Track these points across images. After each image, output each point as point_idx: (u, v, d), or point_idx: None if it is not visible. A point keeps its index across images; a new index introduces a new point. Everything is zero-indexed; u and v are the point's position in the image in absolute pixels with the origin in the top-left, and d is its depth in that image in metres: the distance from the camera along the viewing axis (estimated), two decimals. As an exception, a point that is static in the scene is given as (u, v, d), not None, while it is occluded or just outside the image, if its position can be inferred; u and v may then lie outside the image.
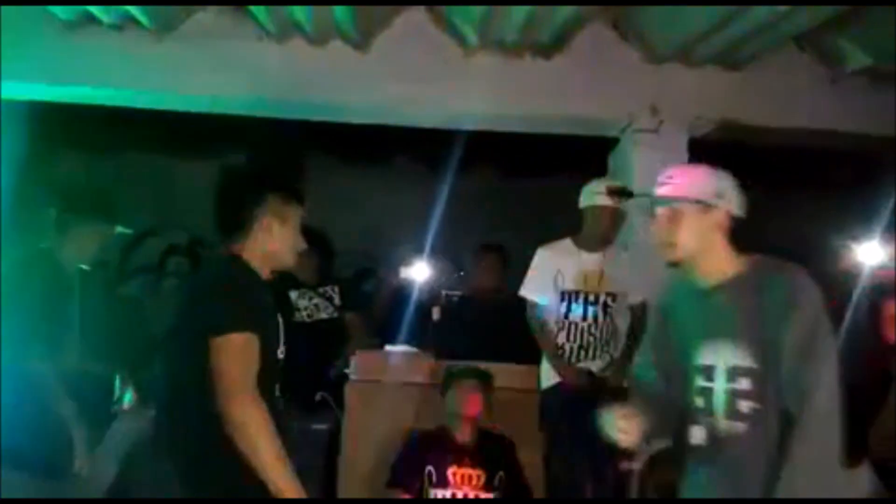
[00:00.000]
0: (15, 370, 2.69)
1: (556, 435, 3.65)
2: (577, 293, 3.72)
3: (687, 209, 2.07)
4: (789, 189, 5.35)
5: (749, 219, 2.21)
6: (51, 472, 2.69)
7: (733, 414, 2.06)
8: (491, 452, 3.51)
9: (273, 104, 4.42)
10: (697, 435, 2.11)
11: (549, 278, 3.74)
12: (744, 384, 2.04)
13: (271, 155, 2.35)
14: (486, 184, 5.91)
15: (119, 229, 3.11)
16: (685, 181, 2.10)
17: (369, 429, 3.91)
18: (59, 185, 4.63)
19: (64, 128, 5.40)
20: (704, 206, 2.07)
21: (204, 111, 4.52)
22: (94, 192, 3.24)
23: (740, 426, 2.05)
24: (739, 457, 2.05)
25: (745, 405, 2.04)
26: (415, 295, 4.76)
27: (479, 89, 4.24)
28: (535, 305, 3.77)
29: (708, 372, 2.10)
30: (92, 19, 4.11)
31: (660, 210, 2.12)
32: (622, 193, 3.58)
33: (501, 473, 3.47)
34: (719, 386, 2.08)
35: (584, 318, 3.70)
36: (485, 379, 3.60)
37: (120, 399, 3.05)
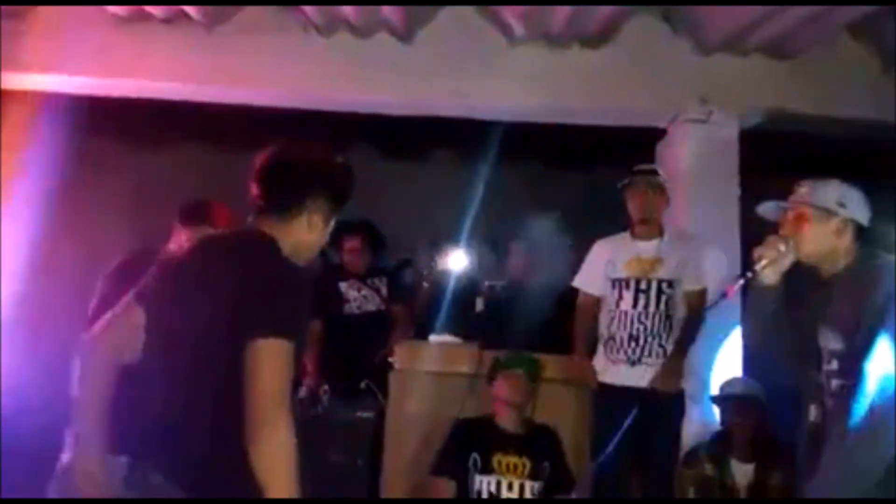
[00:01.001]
0: None
1: (605, 430, 3.63)
2: (627, 280, 3.67)
3: (809, 214, 2.31)
4: (844, 180, 5.24)
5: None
6: None
7: (829, 392, 2.25)
8: (537, 442, 3.49)
9: (319, 97, 4.46)
10: (812, 412, 2.29)
11: (601, 268, 3.74)
12: (834, 365, 2.24)
13: (330, 149, 2.19)
14: (532, 176, 5.88)
15: None
16: (811, 190, 2.36)
17: (412, 417, 3.92)
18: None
19: (110, 122, 5.51)
20: (826, 213, 2.30)
21: (250, 103, 4.58)
22: None
23: (833, 403, 2.23)
24: (831, 432, 2.20)
25: (835, 384, 2.22)
26: (457, 285, 4.76)
27: (525, 80, 4.24)
28: (585, 295, 3.78)
29: (818, 354, 2.28)
30: (144, 14, 4.20)
31: (788, 213, 2.35)
32: (644, 172, 3.68)
33: (547, 463, 3.45)
34: (824, 367, 2.27)
35: (635, 305, 3.65)
36: (533, 367, 3.59)
37: None
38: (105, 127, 5.72)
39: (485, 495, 3.37)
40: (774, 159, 4.23)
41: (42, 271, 5.46)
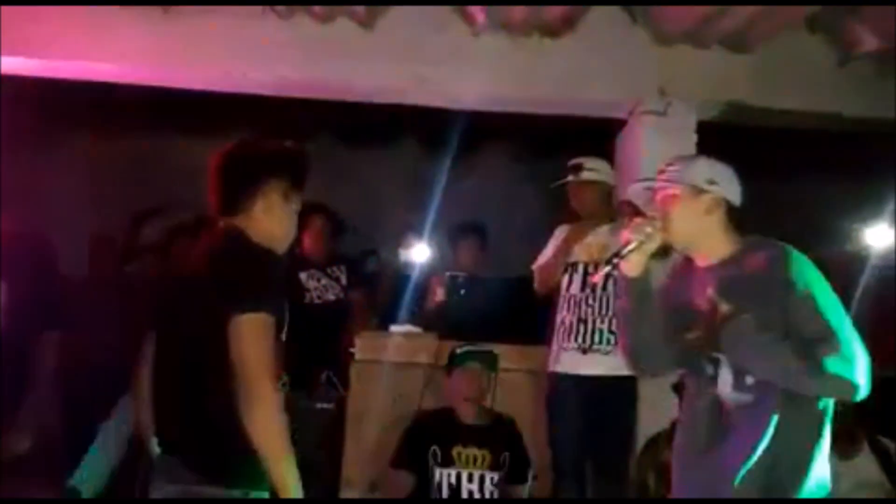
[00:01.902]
0: None
1: (560, 416, 3.68)
2: (576, 264, 3.74)
3: (680, 193, 2.19)
4: (798, 172, 5.34)
5: (758, 201, 2.28)
6: None
7: (738, 386, 2.12)
8: (496, 433, 3.53)
9: (278, 82, 4.39)
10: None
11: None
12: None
13: (281, 135, 2.28)
14: (493, 165, 5.88)
15: None
16: (680, 168, 2.23)
17: (373, 408, 3.93)
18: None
19: (68, 106, 5.38)
20: (696, 191, 2.18)
21: (209, 89, 4.50)
22: None
23: (744, 397, 2.11)
24: (745, 427, 2.10)
25: (748, 378, 2.11)
26: (418, 275, 4.77)
27: (485, 69, 4.21)
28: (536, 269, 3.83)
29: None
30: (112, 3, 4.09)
31: (658, 194, 2.25)
32: (570, 170, 3.75)
33: (507, 454, 3.49)
34: (724, 359, 2.15)
35: (582, 289, 3.70)
36: (489, 360, 3.61)
37: None
38: (55, 110, 5.58)
39: (445, 488, 3.40)
40: (731, 151, 4.27)
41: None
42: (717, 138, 4.19)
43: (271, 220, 2.07)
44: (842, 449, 3.51)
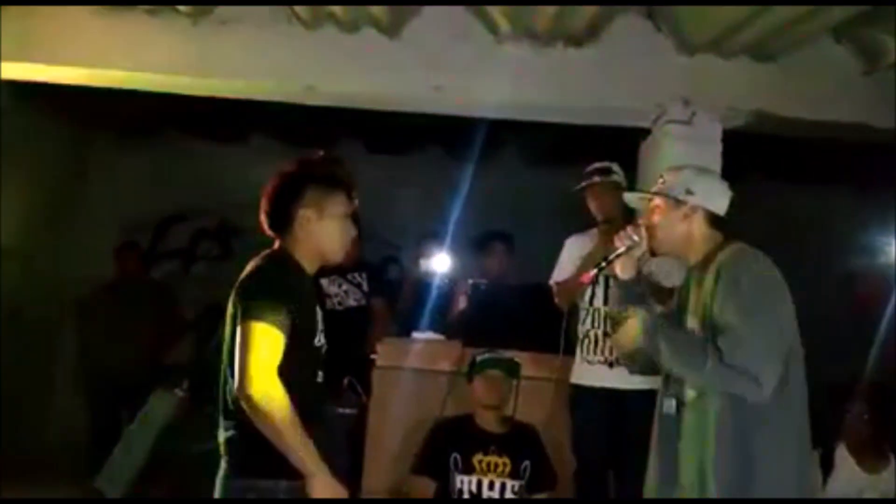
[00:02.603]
0: None
1: (585, 427, 3.67)
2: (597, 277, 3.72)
3: (661, 203, 2.41)
4: (825, 182, 5.29)
5: (782, 212, 2.35)
6: None
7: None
8: (517, 441, 3.52)
9: (303, 90, 4.43)
10: (668, 405, 2.35)
11: (573, 265, 3.77)
12: None
13: (304, 141, 2.37)
14: (515, 173, 5.88)
15: None
16: (665, 179, 2.45)
17: (395, 415, 3.94)
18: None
19: (94, 113, 5.46)
20: (675, 201, 2.37)
21: (234, 96, 4.55)
22: None
23: (692, 394, 2.27)
24: (694, 422, 2.24)
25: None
26: (440, 283, 4.78)
27: (510, 78, 4.22)
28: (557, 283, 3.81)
29: None
30: (127, 3, 4.15)
31: (649, 203, 2.47)
32: (598, 172, 3.77)
33: (528, 462, 3.48)
34: None
35: (606, 301, 3.68)
36: (511, 368, 3.61)
37: None
38: (85, 117, 5.67)
39: (466, 495, 3.40)
40: (757, 161, 4.25)
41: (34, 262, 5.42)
42: (742, 148, 4.18)
43: (309, 236, 2.18)
44: (868, 463, 3.48)
